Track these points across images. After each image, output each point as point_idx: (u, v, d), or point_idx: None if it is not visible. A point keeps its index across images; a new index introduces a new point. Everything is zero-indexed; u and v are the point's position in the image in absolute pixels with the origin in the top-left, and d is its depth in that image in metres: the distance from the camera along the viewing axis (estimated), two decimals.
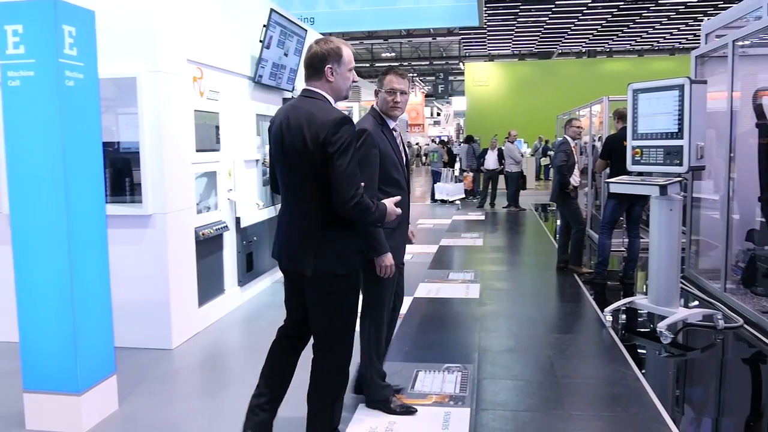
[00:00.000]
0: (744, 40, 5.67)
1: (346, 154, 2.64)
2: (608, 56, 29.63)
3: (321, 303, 2.84)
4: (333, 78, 2.80)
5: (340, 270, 2.77)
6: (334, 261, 2.76)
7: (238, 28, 6.10)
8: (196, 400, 3.98)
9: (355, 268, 2.86)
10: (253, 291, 6.39)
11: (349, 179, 2.64)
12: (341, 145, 2.63)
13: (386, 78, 3.46)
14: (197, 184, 5.30)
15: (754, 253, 5.89)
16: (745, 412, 3.92)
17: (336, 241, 2.77)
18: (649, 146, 5.18)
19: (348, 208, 2.66)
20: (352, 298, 2.87)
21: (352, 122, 2.72)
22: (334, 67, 2.79)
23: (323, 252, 2.75)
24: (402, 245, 3.61)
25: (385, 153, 3.38)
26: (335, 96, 2.84)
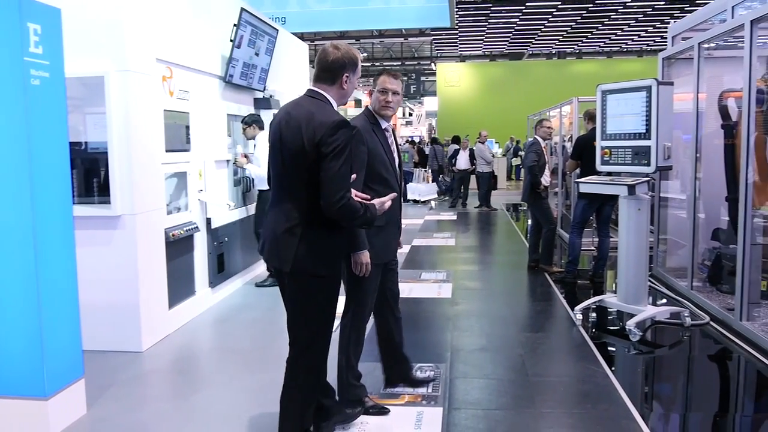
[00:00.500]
0: (709, 42, 5.78)
1: (340, 156, 2.65)
2: (578, 58, 30.00)
3: (298, 302, 2.85)
4: (346, 85, 2.86)
5: (318, 270, 2.77)
6: (314, 260, 2.76)
7: (208, 27, 6.05)
8: (166, 403, 3.93)
9: (334, 270, 2.85)
10: (224, 292, 6.34)
11: (339, 181, 2.66)
12: (336, 147, 2.65)
13: (380, 78, 3.53)
14: (167, 185, 5.24)
15: (720, 252, 6.01)
16: (711, 407, 4.00)
17: (317, 241, 2.77)
18: (618, 147, 5.25)
19: (334, 209, 2.66)
20: (329, 300, 2.86)
21: (350, 126, 2.74)
22: (350, 75, 2.85)
23: (303, 250, 2.74)
24: (390, 244, 3.61)
25: (374, 151, 3.42)
26: (339, 101, 2.88)
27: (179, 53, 5.40)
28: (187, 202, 5.57)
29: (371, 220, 2.85)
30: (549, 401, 3.81)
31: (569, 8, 20.57)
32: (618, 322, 5.46)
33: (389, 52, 30.50)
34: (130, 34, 4.61)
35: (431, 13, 11.44)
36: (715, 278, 6.01)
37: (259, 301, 6.24)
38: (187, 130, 5.55)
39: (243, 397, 3.92)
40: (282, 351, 2.92)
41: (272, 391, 3.94)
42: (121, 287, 4.66)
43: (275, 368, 4.38)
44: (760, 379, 4.26)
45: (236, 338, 5.17)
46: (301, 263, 2.75)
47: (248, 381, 4.19)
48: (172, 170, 5.32)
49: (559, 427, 3.47)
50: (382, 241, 3.45)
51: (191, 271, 5.64)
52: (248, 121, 6.57)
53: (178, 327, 5.27)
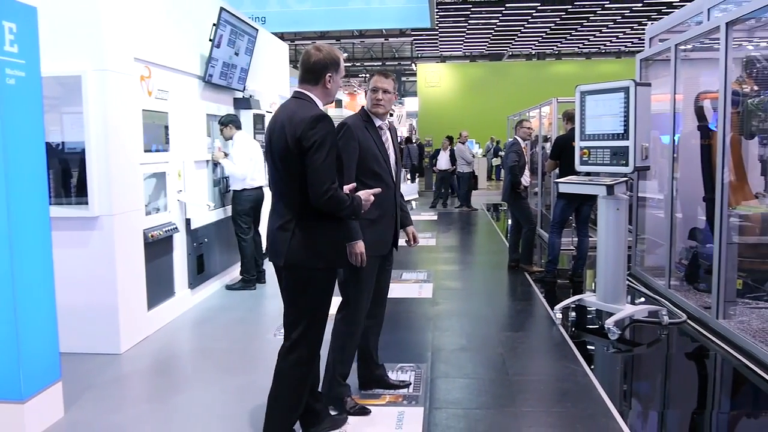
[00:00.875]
0: (686, 44, 5.85)
1: (322, 149, 2.77)
2: (557, 58, 30.20)
3: (291, 295, 2.96)
4: (330, 85, 2.99)
5: (310, 263, 2.88)
6: (306, 254, 2.87)
7: (187, 27, 6.00)
8: (145, 405, 3.90)
9: (327, 264, 2.94)
10: (204, 293, 6.30)
11: (324, 172, 2.77)
12: (316, 140, 2.76)
13: (372, 78, 3.65)
14: (146, 185, 5.19)
15: (697, 251, 6.08)
16: (689, 404, 4.05)
17: (309, 235, 2.88)
18: (597, 147, 5.30)
19: (323, 200, 2.78)
20: (322, 293, 2.96)
21: (329, 119, 2.84)
22: (333, 75, 2.98)
23: (295, 244, 2.86)
24: (384, 237, 3.62)
25: (366, 147, 3.50)
26: (325, 100, 3.01)
27: (158, 53, 5.35)
28: (166, 203, 5.52)
29: (357, 211, 2.97)
30: (529, 400, 3.83)
31: (548, 10, 20.72)
32: (597, 321, 5.51)
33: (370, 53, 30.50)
34: (108, 33, 4.57)
35: (411, 14, 11.46)
36: (691, 277, 6.09)
37: (239, 302, 6.21)
38: (166, 130, 5.50)
39: (223, 399, 3.90)
40: (262, 352, 2.93)
41: (252, 393, 3.95)
42: (99, 289, 4.61)
43: (255, 370, 4.39)
44: (736, 377, 4.32)
45: (216, 340, 5.14)
46: (293, 257, 2.87)
47: (228, 382, 4.16)
48: (151, 170, 5.28)
49: (539, 426, 3.49)
50: (374, 235, 3.50)
51: (170, 273, 5.59)
52: (224, 122, 6.51)
53: (157, 328, 5.23)
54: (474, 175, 15.18)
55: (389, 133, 3.72)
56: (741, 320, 4.95)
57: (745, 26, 5.41)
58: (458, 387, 4.06)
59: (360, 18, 11.70)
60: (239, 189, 6.50)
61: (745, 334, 4.63)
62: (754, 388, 4.09)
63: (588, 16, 22.04)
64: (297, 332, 2.95)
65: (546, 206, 9.92)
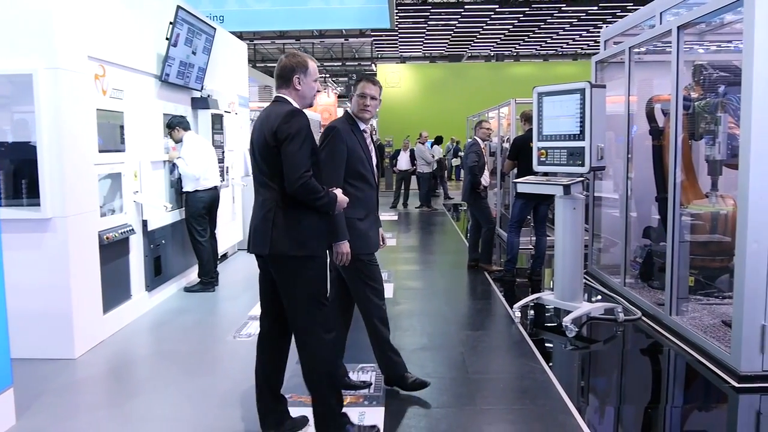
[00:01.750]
0: (639, 47, 5.98)
1: (295, 139, 2.95)
2: (515, 60, 30.59)
3: (284, 285, 3.08)
4: (300, 86, 3.16)
5: (294, 251, 3.01)
6: (289, 242, 3.01)
7: (143, 25, 5.89)
8: (101, 411, 3.81)
9: (313, 253, 3.06)
10: (162, 296, 6.19)
11: (298, 161, 2.93)
12: (290, 132, 2.95)
13: (359, 84, 3.78)
14: (101, 186, 5.09)
15: (651, 249, 6.21)
16: (644, 399, 4.14)
17: (290, 224, 3.02)
18: (554, 147, 5.38)
19: (296, 187, 2.93)
20: (313, 280, 3.08)
21: (302, 114, 3.05)
22: (301, 77, 3.16)
23: (277, 234, 3.01)
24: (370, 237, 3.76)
25: (353, 150, 3.64)
26: (301, 102, 3.17)
27: (113, 51, 5.24)
28: (122, 204, 5.41)
29: (332, 204, 3.10)
30: (489, 398, 3.87)
31: (506, 12, 20.97)
32: (555, 319, 5.59)
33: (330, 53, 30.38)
34: (61, 31, 4.46)
35: (371, 14, 11.45)
36: (646, 275, 6.22)
37: (198, 304, 6.13)
38: (121, 130, 5.40)
39: (180, 403, 3.84)
40: (221, 355, 2.89)
41: (210, 396, 3.90)
42: (52, 292, 4.50)
43: (214, 372, 4.34)
44: (689, 371, 4.44)
45: (174, 342, 5.06)
46: (276, 246, 3.01)
47: (186, 386, 4.11)
48: (106, 171, 5.17)
49: (498, 424, 3.53)
50: (364, 233, 3.67)
51: (127, 275, 5.49)
52: (171, 125, 6.38)
53: (113, 332, 5.12)
54: (434, 176, 15.26)
55: (369, 137, 3.85)
56: (693, 316, 5.08)
57: (695, 30, 5.56)
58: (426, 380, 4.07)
59: (319, 18, 11.65)
60: (191, 190, 6.40)
61: (697, 329, 4.75)
62: (706, 382, 4.21)
63: (545, 18, 22.39)
64: (303, 323, 3.10)
65: (505, 206, 10.03)
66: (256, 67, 25.58)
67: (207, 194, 6.47)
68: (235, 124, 8.64)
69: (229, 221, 8.23)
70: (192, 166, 6.30)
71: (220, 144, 7.67)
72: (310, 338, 3.11)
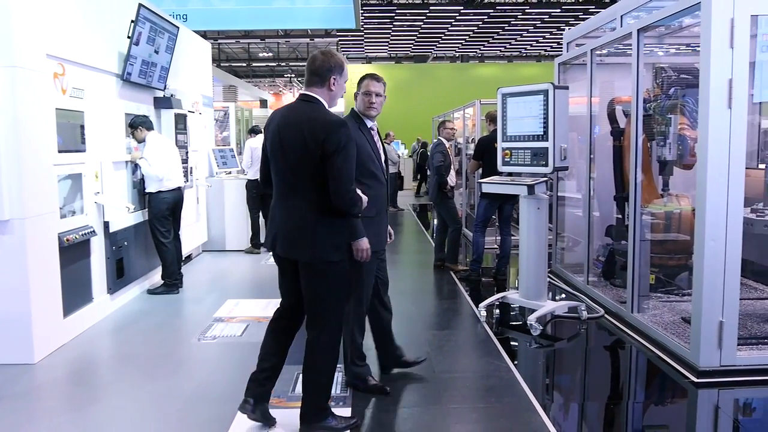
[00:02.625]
0: (601, 49, 6.08)
1: (344, 152, 3.03)
2: (480, 61, 30.81)
3: (315, 286, 3.18)
4: (334, 87, 3.20)
5: (332, 257, 3.14)
6: (328, 249, 3.12)
7: (103, 23, 5.79)
8: (61, 417, 3.72)
9: (344, 255, 3.21)
10: (124, 298, 6.09)
11: (346, 175, 3.04)
12: (339, 145, 3.01)
13: (363, 82, 3.89)
14: (60, 187, 4.98)
15: (613, 248, 6.32)
16: (607, 395, 4.21)
17: (329, 231, 3.13)
18: (518, 148, 5.44)
19: (344, 200, 3.06)
20: (342, 281, 3.24)
21: (347, 126, 3.10)
22: (337, 78, 3.20)
23: (318, 241, 3.11)
24: (383, 232, 3.93)
25: (362, 148, 3.71)
26: (330, 103, 3.22)
27: (72, 49, 5.14)
28: (82, 205, 5.31)
29: (362, 209, 3.25)
30: (455, 397, 3.90)
31: (471, 13, 21.11)
32: (520, 318, 5.64)
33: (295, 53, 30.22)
34: (18, 28, 4.35)
35: (336, 14, 11.42)
36: (608, 273, 6.32)
37: (161, 307, 6.04)
38: (81, 129, 5.29)
39: (144, 406, 3.79)
40: (185, 357, 2.85)
41: (174, 398, 3.85)
42: (10, 295, 4.39)
43: (178, 375, 4.29)
44: (650, 367, 4.52)
45: (136, 346, 4.98)
46: (317, 253, 3.11)
47: (149, 389, 4.04)
48: (66, 172, 5.06)
49: (465, 423, 3.55)
50: (375, 231, 3.76)
51: (88, 278, 5.38)
52: (134, 124, 6.26)
53: (74, 336, 5.02)
54: (400, 176, 15.30)
55: (376, 134, 3.95)
56: (654, 313, 5.18)
57: (655, 33, 5.67)
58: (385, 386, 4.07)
59: (284, 17, 11.57)
60: (154, 191, 6.30)
61: (658, 326, 4.85)
62: (666, 378, 4.29)
63: (509, 20, 22.59)
64: (323, 320, 3.21)
65: (470, 206, 10.10)
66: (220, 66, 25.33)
67: (170, 195, 6.38)
68: (199, 124, 8.55)
69: (194, 222, 8.13)
70: (155, 166, 6.20)
71: (184, 144, 7.57)
72: (325, 336, 3.22)
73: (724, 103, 3.98)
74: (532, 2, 20.05)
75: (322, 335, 3.22)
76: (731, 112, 3.99)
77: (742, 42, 3.96)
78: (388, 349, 4.24)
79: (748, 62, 4.01)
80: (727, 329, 4.09)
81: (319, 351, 3.24)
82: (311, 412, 3.30)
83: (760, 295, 5.63)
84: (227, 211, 8.96)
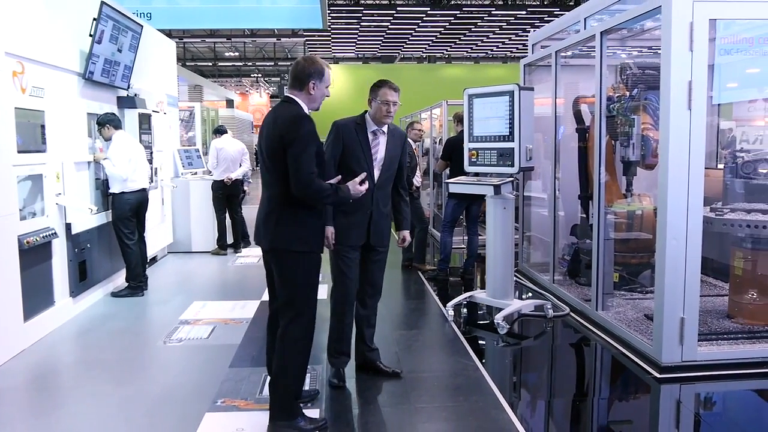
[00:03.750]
0: (565, 51, 6.16)
1: (301, 143, 3.14)
2: (447, 62, 31.01)
3: (281, 275, 3.30)
4: (313, 91, 3.35)
5: (294, 246, 3.24)
6: (289, 238, 3.24)
7: (65, 21, 5.68)
8: (21, 423, 3.64)
9: (312, 247, 3.30)
10: (87, 302, 5.98)
11: (304, 165, 3.13)
12: (296, 136, 3.15)
13: (380, 90, 3.94)
14: (20, 188, 4.87)
15: (578, 247, 6.41)
16: (572, 392, 4.27)
17: (292, 222, 3.25)
18: (484, 148, 5.48)
19: (305, 191, 3.16)
20: (309, 274, 3.30)
21: (309, 119, 3.24)
22: (316, 83, 3.34)
23: (278, 230, 3.25)
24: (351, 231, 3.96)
25: (350, 147, 3.88)
26: (309, 105, 3.37)
27: (32, 47, 5.03)
28: (43, 207, 5.20)
29: (345, 199, 3.36)
30: (423, 396, 3.91)
31: (438, 14, 21.23)
32: (487, 317, 5.69)
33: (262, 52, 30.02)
34: None
35: (303, 14, 11.38)
36: (573, 271, 6.40)
37: (125, 310, 5.95)
38: (42, 129, 5.18)
39: (109, 411, 3.72)
40: (150, 361, 2.81)
41: (139, 403, 3.80)
42: None
43: (143, 379, 4.22)
44: (614, 364, 4.60)
45: (100, 350, 4.89)
46: (277, 241, 3.26)
47: (114, 394, 3.97)
48: (26, 172, 4.96)
49: (433, 421, 3.57)
50: (346, 226, 3.89)
51: (49, 281, 5.27)
52: (102, 121, 6.18)
53: (35, 341, 4.91)
54: None
55: (384, 138, 3.99)
56: (618, 311, 5.26)
57: (618, 35, 5.77)
58: (353, 387, 4.07)
59: (251, 17, 11.50)
60: (118, 192, 6.21)
61: (621, 323, 4.93)
62: (630, 374, 4.37)
63: (476, 22, 22.78)
64: (291, 311, 3.28)
65: (438, 206, 10.14)
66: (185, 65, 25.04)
67: (134, 196, 6.29)
68: (163, 124, 8.44)
69: (159, 223, 8.02)
70: (118, 167, 6.10)
71: (149, 144, 7.46)
72: (293, 327, 3.28)
73: (684, 105, 4.07)
74: (498, 4, 20.25)
75: (290, 326, 3.28)
76: (691, 113, 4.07)
77: (701, 45, 4.05)
78: (358, 346, 4.27)
79: (707, 65, 4.10)
80: (688, 326, 4.18)
81: (286, 343, 3.28)
82: (279, 410, 3.30)
83: (720, 292, 5.76)
84: (193, 212, 8.86)
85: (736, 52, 5.51)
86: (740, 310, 4.93)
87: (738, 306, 4.95)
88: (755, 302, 4.84)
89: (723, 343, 4.50)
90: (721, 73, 5.67)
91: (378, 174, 3.96)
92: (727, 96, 6.31)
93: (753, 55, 5.50)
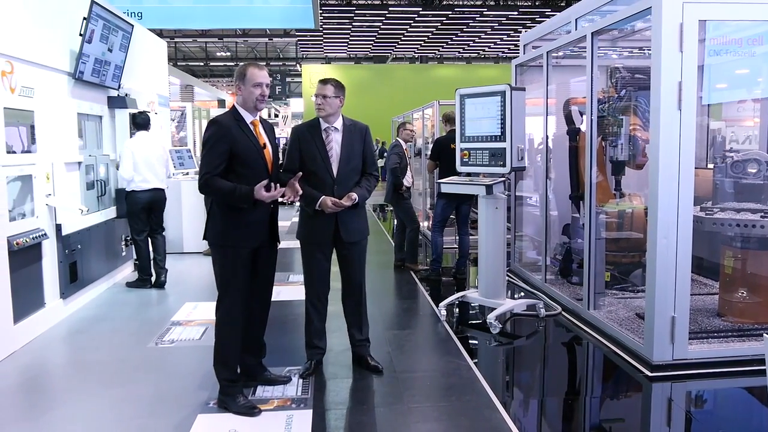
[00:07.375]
0: (556, 51, 6.17)
1: (203, 147, 3.59)
2: (439, 62, 31.04)
3: (212, 264, 3.74)
4: (240, 92, 3.64)
5: (211, 240, 3.67)
6: (212, 233, 3.66)
7: (54, 20, 5.65)
8: (11, 426, 3.61)
9: (227, 242, 3.60)
10: (78, 303, 5.95)
11: (203, 165, 3.55)
12: (203, 140, 3.59)
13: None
14: (9, 189, 4.84)
15: (569, 246, 6.43)
16: (565, 391, 4.28)
17: (212, 218, 3.66)
18: (476, 148, 5.49)
19: (201, 190, 3.59)
20: (223, 267, 3.64)
21: (215, 123, 3.59)
22: (240, 85, 3.64)
23: (208, 225, 3.70)
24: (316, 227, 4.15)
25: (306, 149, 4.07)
26: (245, 106, 3.66)
27: (21, 46, 5.00)
28: (33, 208, 5.17)
29: (243, 199, 3.51)
30: (416, 396, 3.91)
31: (430, 15, 21.26)
32: (480, 316, 5.69)
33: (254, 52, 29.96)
34: None
35: (295, 14, 11.35)
36: (565, 271, 6.41)
37: (117, 310, 5.92)
38: (31, 129, 5.15)
39: (100, 413, 3.70)
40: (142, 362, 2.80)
41: (131, 405, 3.78)
42: None
43: (135, 380, 4.21)
44: (606, 363, 4.62)
45: (91, 351, 4.87)
46: (207, 235, 3.71)
47: (105, 396, 3.96)
48: (15, 173, 4.92)
49: (425, 421, 3.57)
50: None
51: (40, 282, 5.24)
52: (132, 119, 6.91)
53: (25, 343, 4.88)
54: None
55: (339, 134, 4.10)
56: (609, 310, 5.28)
57: (608, 36, 5.79)
58: (346, 387, 4.08)
59: (242, 17, 11.46)
60: (128, 190, 6.56)
61: (613, 322, 4.95)
62: (622, 372, 4.38)
63: (468, 22, 22.82)
64: (217, 297, 3.67)
65: (430, 206, 10.14)
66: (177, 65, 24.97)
67: (144, 195, 6.61)
68: (154, 123, 8.39)
69: None
70: (121, 168, 6.51)
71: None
72: (219, 310, 3.66)
73: (674, 105, 4.09)
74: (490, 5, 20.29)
75: (217, 309, 3.66)
76: (681, 113, 4.09)
77: (691, 46, 4.08)
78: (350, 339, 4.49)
79: (697, 65, 4.13)
80: (678, 324, 4.20)
81: (216, 322, 3.67)
82: (220, 383, 3.69)
83: (710, 291, 5.79)
84: (185, 213, 8.82)
85: (725, 53, 5.54)
86: (730, 309, 4.96)
87: (728, 304, 4.98)
88: (745, 300, 4.87)
89: (713, 341, 4.53)
90: (710, 74, 5.71)
91: (336, 169, 4.07)
92: (717, 96, 6.35)
93: (742, 56, 5.54)
